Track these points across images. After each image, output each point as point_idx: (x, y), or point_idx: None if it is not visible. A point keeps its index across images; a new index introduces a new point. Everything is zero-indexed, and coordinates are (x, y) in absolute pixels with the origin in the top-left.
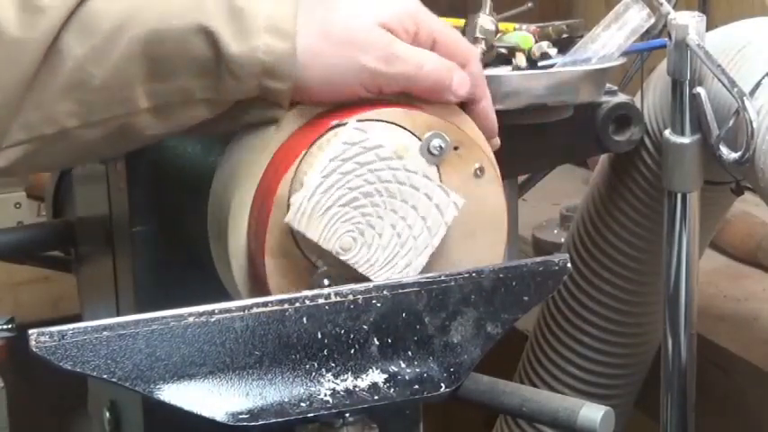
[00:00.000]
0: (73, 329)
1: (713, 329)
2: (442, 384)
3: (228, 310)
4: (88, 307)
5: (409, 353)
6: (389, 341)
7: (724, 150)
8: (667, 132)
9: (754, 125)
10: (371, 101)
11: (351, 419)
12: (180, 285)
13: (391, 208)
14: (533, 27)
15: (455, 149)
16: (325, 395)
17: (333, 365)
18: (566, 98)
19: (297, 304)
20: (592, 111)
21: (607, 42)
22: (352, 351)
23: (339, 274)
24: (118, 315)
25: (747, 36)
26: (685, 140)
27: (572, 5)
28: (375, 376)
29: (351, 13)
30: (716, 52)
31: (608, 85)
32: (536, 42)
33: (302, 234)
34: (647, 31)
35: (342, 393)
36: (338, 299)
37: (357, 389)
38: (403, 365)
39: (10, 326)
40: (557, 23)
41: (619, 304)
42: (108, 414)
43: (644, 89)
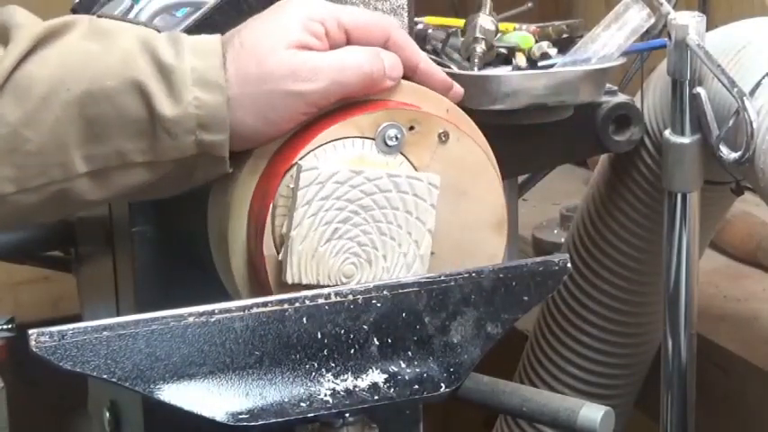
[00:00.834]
0: (73, 329)
1: (713, 329)
2: (442, 384)
3: (228, 310)
4: (88, 307)
5: (409, 353)
6: (389, 341)
7: (724, 150)
8: (667, 132)
9: (754, 125)
10: (313, 124)
11: (351, 419)
12: (180, 285)
13: (374, 220)
14: (533, 27)
15: (411, 129)
16: (325, 395)
17: (333, 365)
18: (566, 98)
19: (297, 304)
20: (592, 111)
21: (607, 42)
22: (352, 351)
23: None
24: (118, 315)
25: (747, 36)
26: (685, 140)
27: (572, 5)
28: (375, 376)
29: (257, 46)
30: (716, 52)
31: (608, 85)
32: (536, 42)
33: (303, 284)
34: (647, 31)
35: (342, 393)
36: (338, 299)
37: (357, 389)
38: (403, 365)
39: (10, 326)
40: (557, 23)
41: (619, 304)
42: (108, 414)
43: (644, 89)
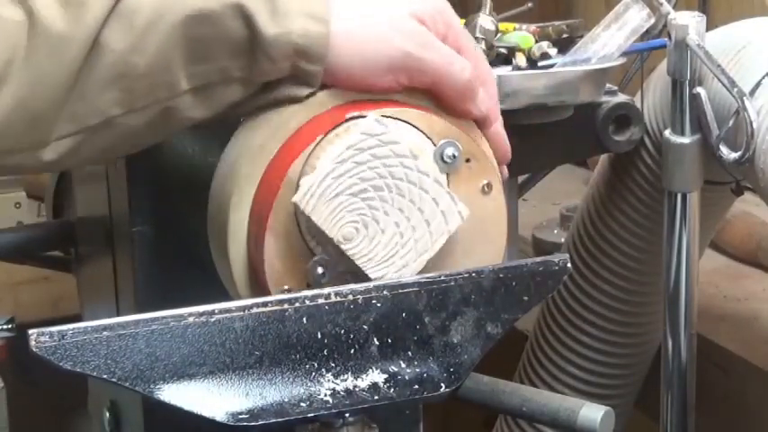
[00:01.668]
0: (73, 329)
1: (713, 329)
2: (442, 384)
3: (228, 310)
4: (88, 307)
5: (409, 353)
6: (389, 341)
7: (724, 150)
8: (667, 132)
9: (754, 125)
10: (394, 100)
11: (351, 419)
12: (180, 285)
13: (398, 206)
14: (533, 27)
15: (467, 162)
16: (325, 395)
17: (333, 365)
18: (566, 98)
19: (297, 304)
20: (592, 111)
21: (607, 42)
22: (352, 351)
23: (335, 265)
24: (118, 315)
25: (747, 36)
26: (685, 140)
27: (572, 5)
28: (375, 376)
29: (388, 3)
30: (716, 52)
31: (608, 85)
32: (536, 42)
33: (307, 216)
34: (647, 31)
35: (342, 393)
36: (338, 299)
37: (357, 389)
38: (403, 365)
39: (10, 326)
40: (557, 23)
41: (619, 304)
42: (108, 414)
43: (644, 89)
